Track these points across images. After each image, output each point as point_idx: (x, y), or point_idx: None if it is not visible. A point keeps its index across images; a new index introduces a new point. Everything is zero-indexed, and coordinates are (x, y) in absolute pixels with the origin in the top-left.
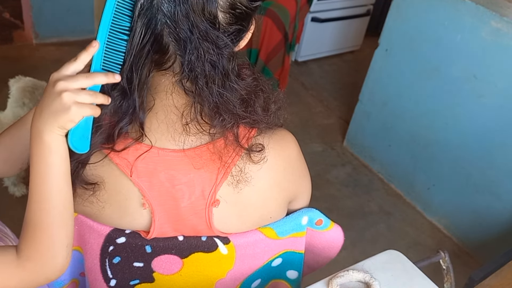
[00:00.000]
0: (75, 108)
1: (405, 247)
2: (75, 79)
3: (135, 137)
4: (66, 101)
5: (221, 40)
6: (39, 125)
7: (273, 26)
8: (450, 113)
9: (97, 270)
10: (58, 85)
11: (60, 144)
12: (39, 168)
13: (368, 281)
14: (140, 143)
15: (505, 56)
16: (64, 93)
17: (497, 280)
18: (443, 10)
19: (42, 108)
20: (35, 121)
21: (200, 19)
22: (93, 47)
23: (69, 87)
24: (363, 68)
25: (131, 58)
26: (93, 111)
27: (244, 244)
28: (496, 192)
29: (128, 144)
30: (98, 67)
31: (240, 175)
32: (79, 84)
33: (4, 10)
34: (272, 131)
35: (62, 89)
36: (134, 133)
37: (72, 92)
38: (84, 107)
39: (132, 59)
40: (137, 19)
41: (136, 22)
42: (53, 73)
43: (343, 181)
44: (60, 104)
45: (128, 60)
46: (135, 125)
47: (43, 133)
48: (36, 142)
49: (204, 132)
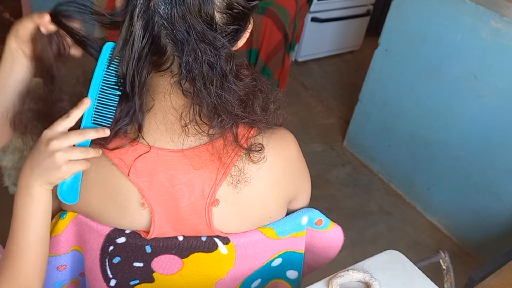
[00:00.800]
0: (67, 166)
1: (405, 247)
2: (68, 137)
3: (132, 137)
4: (59, 160)
5: (219, 41)
6: (29, 180)
7: (273, 26)
8: (450, 113)
9: (97, 270)
10: (51, 145)
11: (47, 197)
12: (23, 217)
13: (368, 281)
14: (138, 143)
15: (505, 56)
16: (57, 153)
17: (497, 280)
18: (443, 10)
19: (32, 164)
20: (24, 175)
21: (197, 21)
22: (85, 104)
23: (62, 146)
24: (363, 68)
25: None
26: (83, 166)
27: (244, 244)
28: (496, 192)
29: (123, 144)
30: (89, 122)
31: (240, 175)
32: (72, 142)
33: (4, 10)
34: (272, 131)
35: (55, 148)
36: (133, 133)
37: (65, 151)
38: (76, 164)
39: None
40: (135, 21)
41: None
42: (45, 131)
43: (343, 181)
44: (52, 163)
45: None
46: (134, 126)
47: (32, 188)
48: (23, 194)
49: (203, 133)
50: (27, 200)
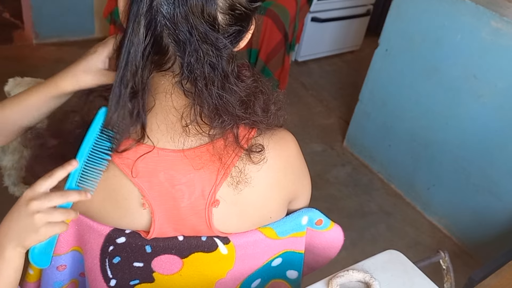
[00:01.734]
0: (45, 228)
1: (405, 247)
2: (49, 198)
3: (135, 138)
4: (37, 222)
5: (221, 42)
6: (3, 241)
7: (273, 26)
8: (450, 113)
9: (97, 270)
10: (31, 205)
11: (19, 261)
12: None
13: (368, 281)
14: (141, 144)
15: (505, 56)
16: (37, 215)
17: (497, 280)
18: (443, 10)
19: (10, 224)
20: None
21: (199, 21)
22: (71, 166)
23: (42, 207)
24: (363, 68)
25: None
26: (62, 229)
27: (244, 244)
28: (496, 192)
29: (130, 145)
30: (73, 184)
31: (240, 176)
32: (53, 204)
33: (4, 10)
34: (272, 132)
35: (35, 209)
36: (135, 133)
37: (45, 212)
38: (54, 227)
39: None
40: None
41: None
42: (26, 190)
43: (343, 181)
44: (31, 224)
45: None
46: (136, 126)
47: (5, 250)
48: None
49: (204, 133)
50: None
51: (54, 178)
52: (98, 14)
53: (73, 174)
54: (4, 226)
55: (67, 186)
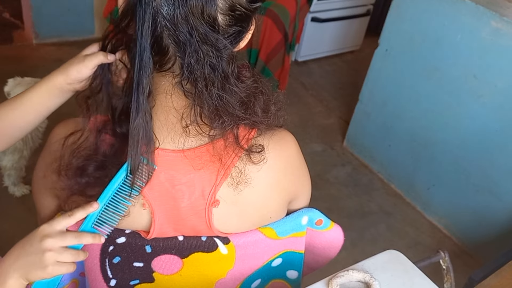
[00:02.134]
0: (52, 267)
1: (405, 247)
2: (64, 238)
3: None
4: (47, 259)
5: (221, 43)
6: (9, 269)
7: (273, 26)
8: (450, 113)
9: (97, 270)
10: (45, 242)
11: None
12: None
13: (368, 281)
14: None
15: (505, 56)
16: (48, 253)
17: (497, 280)
18: (443, 10)
19: (19, 254)
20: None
21: (200, 22)
22: (92, 207)
23: (55, 246)
24: (363, 68)
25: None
26: (69, 269)
27: (244, 244)
28: (496, 192)
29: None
30: (88, 226)
31: (240, 176)
32: (66, 244)
33: (4, 10)
34: (272, 132)
35: (47, 247)
36: None
37: (56, 251)
38: (62, 267)
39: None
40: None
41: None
42: (44, 225)
43: (343, 181)
44: (40, 260)
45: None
46: None
47: (9, 279)
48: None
49: (204, 134)
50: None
51: (73, 218)
52: (98, 14)
53: (91, 216)
54: (13, 254)
55: (82, 228)
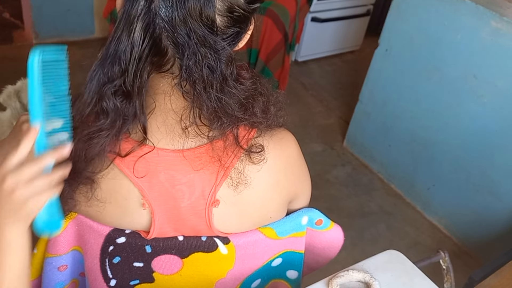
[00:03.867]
0: (32, 201)
1: (405, 247)
2: (22, 171)
3: (136, 139)
4: (19, 199)
5: (219, 44)
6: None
7: (273, 26)
8: (450, 113)
9: (97, 270)
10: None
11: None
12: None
13: (368, 281)
14: (145, 145)
15: (505, 56)
16: (16, 191)
17: (497, 280)
18: (443, 10)
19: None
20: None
21: (198, 24)
22: (33, 132)
23: (18, 182)
24: (363, 68)
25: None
26: (52, 192)
27: (244, 244)
28: (496, 192)
29: (133, 148)
30: (42, 146)
31: (240, 177)
32: (28, 174)
33: (4, 10)
34: (272, 132)
35: (12, 187)
36: (135, 134)
37: (23, 186)
38: (42, 195)
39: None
40: (136, 22)
41: (135, 25)
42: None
43: (343, 181)
44: (13, 203)
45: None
46: (138, 127)
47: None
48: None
49: (203, 135)
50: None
51: (21, 151)
52: (98, 14)
53: (39, 138)
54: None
55: (37, 151)
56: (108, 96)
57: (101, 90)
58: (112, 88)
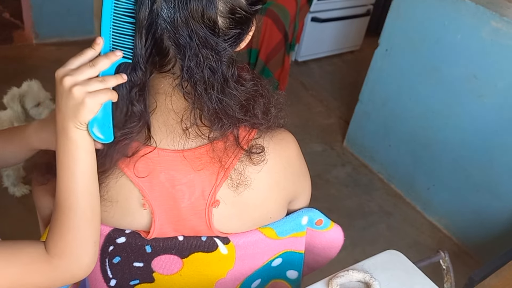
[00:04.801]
0: (89, 99)
1: (405, 247)
2: (80, 70)
3: (138, 139)
4: (78, 95)
5: (221, 46)
6: (62, 122)
7: (273, 26)
8: (450, 113)
9: (97, 270)
10: (65, 81)
11: (87, 139)
12: (67, 164)
13: (368, 281)
14: (148, 146)
15: (505, 56)
16: (74, 88)
17: (497, 280)
18: (443, 10)
19: (59, 106)
20: (58, 119)
21: (200, 26)
22: (98, 44)
23: (77, 80)
24: (363, 68)
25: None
26: (108, 96)
27: (244, 244)
28: (496, 192)
29: (138, 148)
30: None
31: (240, 178)
32: (86, 75)
33: (4, 10)
34: (272, 132)
35: (70, 84)
36: (136, 134)
37: (81, 84)
38: (99, 95)
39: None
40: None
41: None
42: (58, 70)
43: (343, 181)
44: (73, 99)
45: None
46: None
47: (68, 130)
48: (62, 139)
49: (203, 136)
50: (67, 145)
51: (85, 57)
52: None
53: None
54: (57, 109)
55: None
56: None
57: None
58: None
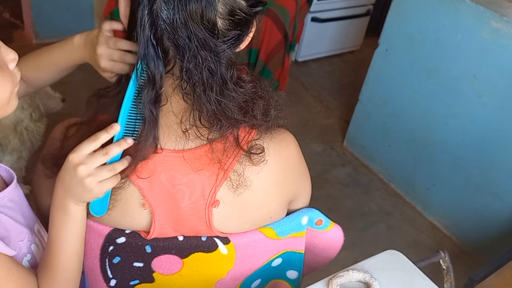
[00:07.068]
0: (98, 188)
1: (405, 247)
2: (94, 160)
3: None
4: (89, 185)
5: (220, 47)
6: (64, 200)
7: (273, 26)
8: (450, 113)
9: (97, 270)
10: (79, 170)
11: (83, 213)
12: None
13: (368, 281)
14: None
15: (505, 56)
16: (87, 179)
17: (497, 280)
18: (443, 10)
19: (65, 186)
20: (58, 195)
21: (199, 27)
22: (114, 129)
23: (90, 170)
24: (363, 68)
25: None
26: (114, 182)
27: (244, 244)
28: (496, 192)
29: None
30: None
31: (239, 179)
32: (98, 164)
33: (4, 10)
34: (272, 132)
35: (84, 174)
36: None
37: (93, 175)
38: (106, 183)
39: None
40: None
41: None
42: (71, 155)
43: (343, 181)
44: (84, 187)
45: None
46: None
47: (67, 205)
48: (59, 211)
49: (202, 137)
50: (64, 219)
51: (99, 142)
52: (98, 14)
53: (116, 135)
54: (60, 188)
55: None
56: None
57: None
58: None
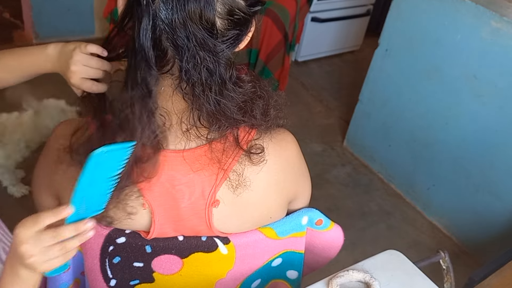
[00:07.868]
0: (45, 265)
1: (405, 247)
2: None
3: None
4: (33, 264)
5: (219, 47)
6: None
7: (273, 26)
8: (450, 113)
9: (97, 270)
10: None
11: (35, 276)
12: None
13: (368, 281)
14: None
15: (505, 56)
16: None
17: (497, 280)
18: (443, 10)
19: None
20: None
21: (198, 28)
22: (64, 213)
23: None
24: (363, 68)
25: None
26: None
27: (244, 244)
28: (496, 192)
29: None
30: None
31: (239, 179)
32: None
33: (4, 10)
34: (272, 132)
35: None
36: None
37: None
38: (55, 261)
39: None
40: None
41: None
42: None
43: (343, 181)
44: (29, 265)
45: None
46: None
47: (18, 271)
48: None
49: (202, 137)
50: (15, 280)
51: (41, 223)
52: (98, 14)
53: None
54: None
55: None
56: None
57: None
58: None
